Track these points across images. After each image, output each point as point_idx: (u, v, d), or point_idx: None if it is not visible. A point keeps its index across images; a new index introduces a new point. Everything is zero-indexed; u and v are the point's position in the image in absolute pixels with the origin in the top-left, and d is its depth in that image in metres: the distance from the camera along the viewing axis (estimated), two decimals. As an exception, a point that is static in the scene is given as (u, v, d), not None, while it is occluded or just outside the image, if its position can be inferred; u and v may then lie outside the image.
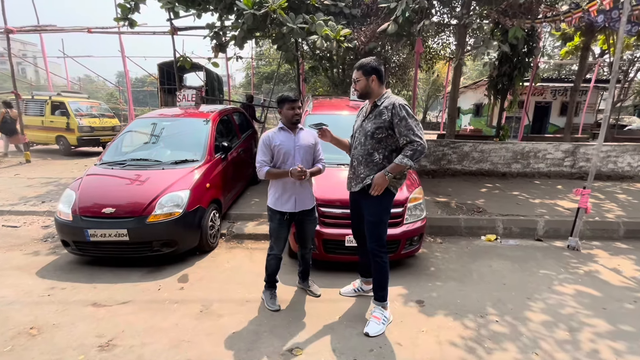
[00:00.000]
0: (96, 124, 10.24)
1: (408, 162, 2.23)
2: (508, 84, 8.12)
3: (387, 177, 2.29)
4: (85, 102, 10.93)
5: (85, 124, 9.91)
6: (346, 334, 2.41)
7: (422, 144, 2.22)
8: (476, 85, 17.89)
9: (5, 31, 8.07)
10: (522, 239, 4.42)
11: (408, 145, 2.24)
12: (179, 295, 2.92)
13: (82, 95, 12.03)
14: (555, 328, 2.52)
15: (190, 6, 6.36)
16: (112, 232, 3.20)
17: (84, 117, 10.03)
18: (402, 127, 2.24)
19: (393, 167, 2.28)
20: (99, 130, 10.28)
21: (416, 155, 2.23)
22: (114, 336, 2.37)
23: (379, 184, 2.31)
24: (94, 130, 10.09)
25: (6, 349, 2.23)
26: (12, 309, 2.69)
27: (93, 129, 10.09)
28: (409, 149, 2.23)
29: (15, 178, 6.85)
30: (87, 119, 10.07)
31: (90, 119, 10.16)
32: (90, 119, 10.19)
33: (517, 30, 4.55)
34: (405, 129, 2.23)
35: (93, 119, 10.28)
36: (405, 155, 2.24)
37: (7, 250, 3.79)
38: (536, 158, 7.36)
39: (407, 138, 2.23)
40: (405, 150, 2.25)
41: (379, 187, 2.32)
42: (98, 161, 4.10)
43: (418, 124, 2.28)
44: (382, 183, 2.31)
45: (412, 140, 2.22)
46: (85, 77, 34.93)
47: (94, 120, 10.31)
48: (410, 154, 2.23)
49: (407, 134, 2.23)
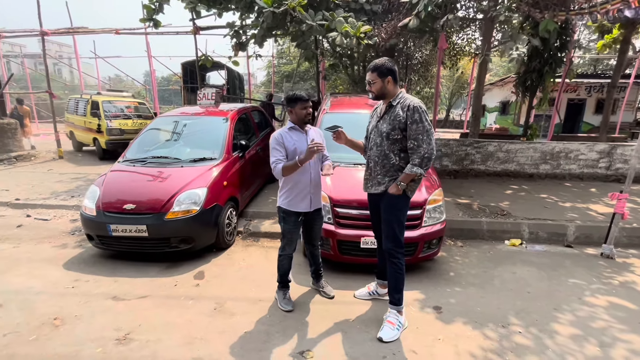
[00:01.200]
0: (127, 126, 9.02)
1: (418, 171, 2.24)
2: (538, 80, 7.69)
3: (400, 187, 2.30)
4: (121, 102, 9.72)
5: (114, 125, 8.80)
6: (359, 339, 2.36)
7: (429, 150, 2.21)
8: (503, 82, 17.17)
9: (41, 33, 8.52)
10: (550, 244, 4.18)
11: (415, 153, 2.23)
12: (194, 292, 2.96)
13: (124, 93, 10.69)
14: (585, 342, 2.35)
15: (211, 5, 6.45)
16: (133, 227, 3.29)
17: (114, 119, 8.97)
18: (413, 130, 2.23)
19: (404, 177, 2.28)
20: (131, 133, 8.89)
21: (424, 162, 2.23)
22: (131, 330, 2.43)
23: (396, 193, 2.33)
24: (124, 133, 8.85)
25: (31, 338, 2.34)
26: (39, 299, 2.81)
27: (123, 131, 8.89)
28: (417, 156, 2.23)
29: (49, 173, 7.23)
30: (118, 121, 8.95)
31: (121, 121, 9.02)
32: (121, 120, 9.06)
33: (548, 22, 4.27)
34: (415, 132, 2.22)
35: (124, 121, 9.11)
36: (414, 164, 2.24)
37: (37, 242, 3.99)
38: (567, 159, 6.96)
39: (415, 142, 2.23)
40: (413, 159, 2.25)
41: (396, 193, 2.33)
42: (121, 158, 4.23)
43: (430, 128, 2.24)
44: (396, 194, 2.33)
45: (420, 145, 2.21)
46: (115, 76, 36.46)
47: (126, 122, 9.11)
48: (419, 162, 2.23)
49: (417, 138, 2.22)
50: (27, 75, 19.45)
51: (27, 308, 2.68)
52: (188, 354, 2.20)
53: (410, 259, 3.18)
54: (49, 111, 20.70)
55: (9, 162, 8.13)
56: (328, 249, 3.20)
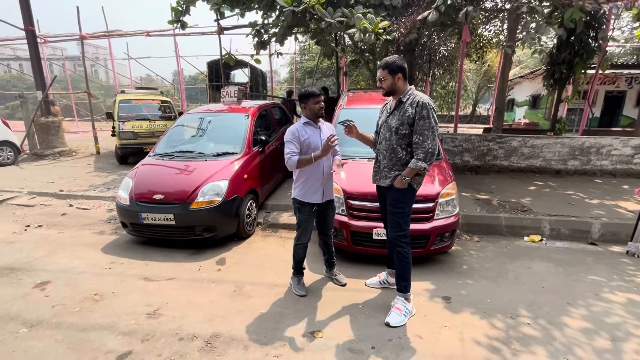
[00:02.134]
0: (142, 129, 7.92)
1: (422, 165, 2.33)
2: (568, 72, 7.35)
3: (404, 182, 2.39)
4: (141, 100, 8.56)
5: (127, 128, 7.77)
6: (367, 322, 2.48)
7: (432, 147, 2.31)
8: (533, 75, 16.38)
9: (80, 37, 9.17)
10: (572, 241, 4.08)
11: (420, 148, 2.32)
12: (216, 276, 3.19)
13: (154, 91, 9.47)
14: (596, 336, 2.34)
15: (234, 6, 6.70)
16: (161, 216, 3.57)
17: (128, 120, 7.92)
18: (419, 126, 2.31)
19: (408, 172, 2.38)
20: (145, 136, 7.92)
21: (428, 157, 2.32)
22: (160, 306, 2.69)
23: (401, 186, 2.43)
24: (138, 137, 7.85)
25: (75, 310, 2.65)
26: (82, 277, 3.15)
27: (136, 135, 7.82)
28: (421, 151, 2.32)
29: (87, 167, 7.82)
30: (132, 123, 7.89)
31: (135, 123, 7.93)
32: (135, 122, 7.96)
33: (573, 12, 4.11)
34: (422, 128, 2.31)
35: (139, 122, 7.99)
36: (419, 159, 2.33)
37: (79, 229, 4.41)
38: (599, 154, 6.64)
39: (420, 137, 2.31)
40: (417, 153, 2.34)
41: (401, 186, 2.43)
42: (151, 153, 4.56)
43: (435, 126, 2.33)
44: (401, 187, 2.43)
45: (424, 140, 2.30)
46: (147, 76, 38.19)
47: (140, 124, 7.99)
48: (423, 157, 2.32)
49: (422, 133, 2.31)
50: (68, 77, 20.84)
51: (71, 285, 3.02)
52: (209, 329, 2.42)
53: (422, 251, 3.25)
54: (87, 110, 22.08)
55: (53, 157, 8.86)
56: (341, 239, 3.33)
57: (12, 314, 2.59)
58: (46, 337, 2.34)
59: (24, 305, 2.70)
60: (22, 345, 2.26)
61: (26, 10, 8.59)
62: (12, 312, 2.61)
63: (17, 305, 2.70)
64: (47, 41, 13.51)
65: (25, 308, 2.67)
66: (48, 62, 18.17)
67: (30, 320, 2.52)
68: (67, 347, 2.25)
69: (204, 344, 2.26)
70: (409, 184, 2.39)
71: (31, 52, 8.83)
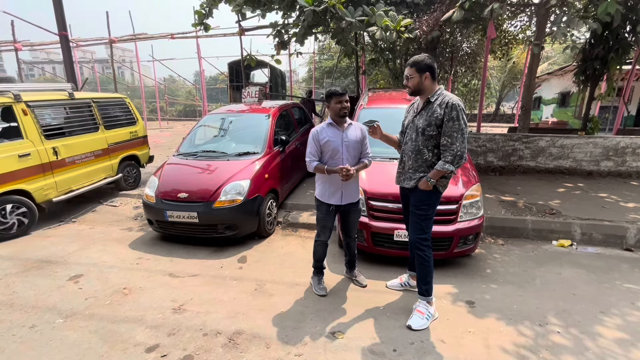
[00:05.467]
0: None
1: (450, 168, 2.27)
2: (601, 68, 6.97)
3: (429, 184, 2.34)
4: None
5: None
6: (388, 325, 2.45)
7: (461, 150, 2.23)
8: (562, 72, 15.66)
9: (109, 41, 9.57)
10: (605, 247, 3.88)
11: (448, 150, 2.26)
12: (237, 274, 3.26)
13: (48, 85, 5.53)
14: (632, 347, 2.22)
15: (256, 7, 6.78)
16: (185, 214, 3.68)
17: None
18: (448, 128, 2.25)
19: (434, 174, 2.32)
20: None
21: (456, 160, 2.25)
22: (184, 302, 2.77)
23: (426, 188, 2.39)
24: None
25: (106, 303, 2.78)
26: (111, 272, 3.30)
27: None
28: (449, 153, 2.26)
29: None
30: None
31: None
32: None
33: (609, 4, 3.88)
34: (451, 130, 2.24)
35: None
36: (446, 161, 2.27)
37: (108, 225, 4.60)
38: (635, 155, 6.28)
39: (449, 139, 2.25)
40: (445, 156, 2.28)
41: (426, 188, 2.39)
42: (175, 152, 4.70)
43: (465, 128, 2.26)
44: (426, 189, 2.38)
45: (453, 143, 2.24)
46: (169, 77, 39.34)
47: None
48: (451, 159, 2.26)
49: (451, 135, 2.24)
50: (97, 79, 21.79)
51: (102, 278, 3.16)
52: (232, 326, 2.47)
53: (445, 254, 3.19)
54: (114, 110, 22.94)
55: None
56: (362, 240, 3.32)
57: (49, 305, 2.74)
58: (80, 328, 2.46)
59: (59, 297, 2.86)
60: (58, 335, 2.39)
61: (60, 16, 9.03)
62: (49, 303, 2.77)
63: (53, 297, 2.86)
64: (79, 45, 14.17)
65: (61, 299, 2.82)
66: (79, 65, 19.07)
67: (65, 311, 2.66)
68: (100, 338, 2.36)
69: (227, 340, 2.31)
70: (434, 186, 2.34)
71: (64, 55, 9.27)
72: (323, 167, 2.63)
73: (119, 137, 5.72)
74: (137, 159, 6.19)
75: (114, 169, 5.60)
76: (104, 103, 5.62)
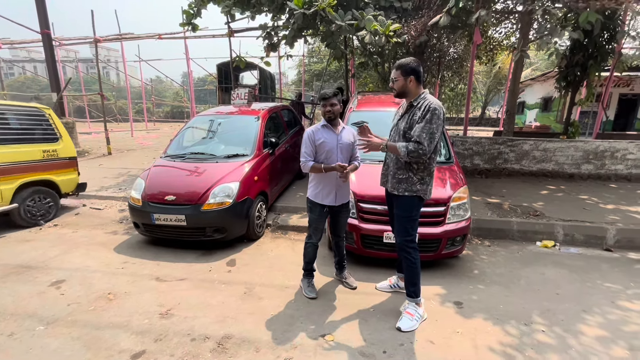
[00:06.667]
0: None
1: (403, 151, 2.28)
2: (581, 74, 7.23)
3: (380, 148, 2.40)
4: None
5: None
6: (378, 327, 2.46)
7: (426, 151, 2.25)
8: (545, 77, 16.16)
9: (94, 41, 9.36)
10: (586, 247, 4.00)
11: (416, 143, 2.27)
12: (226, 277, 3.21)
13: None
14: (613, 345, 2.29)
15: (245, 8, 6.76)
16: (173, 217, 3.61)
17: None
18: (419, 127, 2.27)
19: (392, 147, 2.36)
20: None
21: (415, 154, 2.27)
22: (172, 307, 2.71)
23: (371, 145, 2.42)
24: None
25: (90, 309, 2.69)
26: (95, 276, 3.20)
27: None
28: (414, 146, 2.26)
29: (99, 167, 7.96)
30: None
31: None
32: None
33: (589, 14, 4.04)
34: (421, 130, 2.26)
35: None
36: (407, 147, 2.28)
37: (92, 228, 4.48)
38: (613, 158, 6.53)
39: (419, 138, 2.26)
40: (410, 143, 2.29)
41: (370, 146, 2.43)
42: (163, 154, 4.62)
43: (436, 134, 2.27)
44: (374, 148, 2.42)
45: (422, 141, 2.24)
46: (156, 77, 38.72)
47: None
48: (411, 149, 2.26)
49: (421, 134, 2.25)
50: (81, 79, 21.26)
51: (86, 283, 3.07)
52: (221, 330, 2.44)
53: (433, 255, 3.23)
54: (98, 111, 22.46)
55: (67, 157, 9.01)
56: (352, 242, 3.32)
57: (29, 312, 2.64)
58: (62, 335, 2.38)
59: (40, 303, 2.76)
60: (38, 342, 2.31)
61: (42, 13, 8.81)
62: (29, 310, 2.67)
63: (34, 303, 2.76)
64: (62, 44, 13.80)
65: (42, 306, 2.72)
66: (62, 64, 18.57)
67: (47, 318, 2.57)
68: (83, 345, 2.28)
69: (216, 345, 2.27)
70: (416, 194, 2.37)
71: (47, 54, 9.05)
72: (320, 166, 2.64)
73: (20, 157, 4.35)
74: (55, 185, 4.78)
75: (4, 197, 4.22)
76: (3, 111, 4.32)
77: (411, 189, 2.40)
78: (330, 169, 2.63)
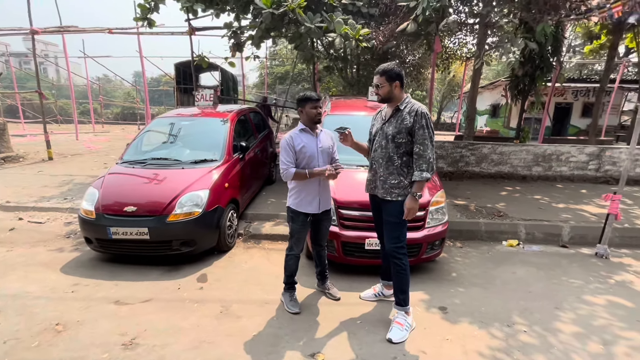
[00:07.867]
0: None
1: (427, 176, 2.30)
2: (530, 84, 7.88)
3: (417, 197, 2.33)
4: None
5: None
6: (368, 340, 2.36)
7: (432, 156, 2.29)
8: (493, 86, 17.50)
9: (31, 32, 8.32)
10: (546, 245, 4.27)
11: (422, 158, 2.29)
12: (198, 295, 2.92)
13: None
14: (588, 340, 2.41)
15: (208, 6, 6.40)
16: (134, 230, 3.23)
17: None
18: (419, 136, 2.28)
19: (417, 187, 2.33)
20: None
21: (430, 167, 2.30)
22: (136, 335, 2.38)
23: (412, 208, 2.34)
24: None
25: (33, 345, 2.27)
26: (39, 304, 2.74)
27: None
28: (423, 161, 2.28)
29: (39, 175, 7.04)
30: None
31: None
32: None
33: (545, 26, 4.37)
34: (422, 137, 2.28)
35: None
36: (422, 170, 2.29)
37: (32, 246, 3.88)
38: (559, 161, 7.13)
39: (421, 147, 2.28)
40: (419, 164, 2.30)
41: (413, 210, 2.35)
42: (119, 160, 4.16)
43: (433, 136, 2.33)
44: (415, 205, 2.34)
45: (425, 150, 2.27)
46: (104, 76, 35.81)
47: None
48: (426, 167, 2.29)
49: (423, 143, 2.28)
50: (13, 75, 18.94)
51: (26, 313, 2.60)
52: (197, 358, 2.17)
53: (413, 260, 3.21)
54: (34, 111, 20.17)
55: (-3, 163, 7.88)
56: (332, 250, 3.21)
57: (-50, 355, 2.16)
58: (-3, 381, 1.97)
59: (-35, 343, 2.27)
60: (-35, 393, 1.88)
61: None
62: (-49, 352, 2.19)
63: (-43, 343, 2.27)
64: (-12, 34, 12.13)
65: (-32, 346, 2.25)
66: (-11, 58, 16.39)
67: (-25, 360, 2.12)
68: (25, 391, 1.90)
69: (193, 376, 2.01)
70: (415, 195, 2.33)
71: (-30, 45, 7.84)
72: (304, 172, 2.49)
73: None
74: None
75: None
76: None
77: (404, 193, 2.35)
78: (318, 174, 2.49)
